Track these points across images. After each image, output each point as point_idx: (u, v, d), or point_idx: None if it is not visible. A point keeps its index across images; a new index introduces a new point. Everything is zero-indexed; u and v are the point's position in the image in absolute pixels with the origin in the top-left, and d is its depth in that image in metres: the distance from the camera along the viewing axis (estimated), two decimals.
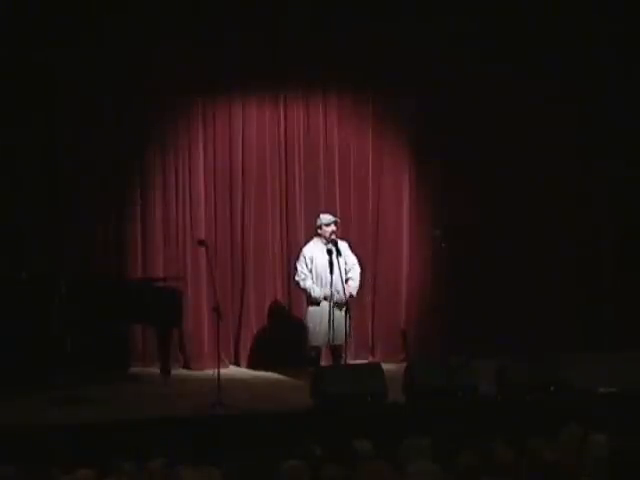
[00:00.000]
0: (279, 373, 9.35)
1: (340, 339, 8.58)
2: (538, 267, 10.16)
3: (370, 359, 9.83)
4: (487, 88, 10.06)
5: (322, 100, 10.02)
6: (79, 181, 9.45)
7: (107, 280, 9.17)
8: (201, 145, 9.78)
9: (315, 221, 9.00)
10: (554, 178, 10.27)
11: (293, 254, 9.74)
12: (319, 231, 8.90)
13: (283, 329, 9.83)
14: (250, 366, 9.74)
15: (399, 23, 9.93)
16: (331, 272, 8.53)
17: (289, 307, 9.90)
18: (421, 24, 9.97)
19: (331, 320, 8.54)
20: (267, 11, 9.69)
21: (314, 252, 8.85)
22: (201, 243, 8.66)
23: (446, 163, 10.11)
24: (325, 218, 8.91)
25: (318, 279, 8.80)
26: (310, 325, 8.78)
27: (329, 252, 8.59)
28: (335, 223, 8.89)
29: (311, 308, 8.82)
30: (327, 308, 8.62)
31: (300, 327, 9.30)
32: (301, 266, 8.88)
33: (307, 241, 9.15)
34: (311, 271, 8.83)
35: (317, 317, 8.73)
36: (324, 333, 8.65)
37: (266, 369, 9.54)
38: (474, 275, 9.97)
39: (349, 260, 8.92)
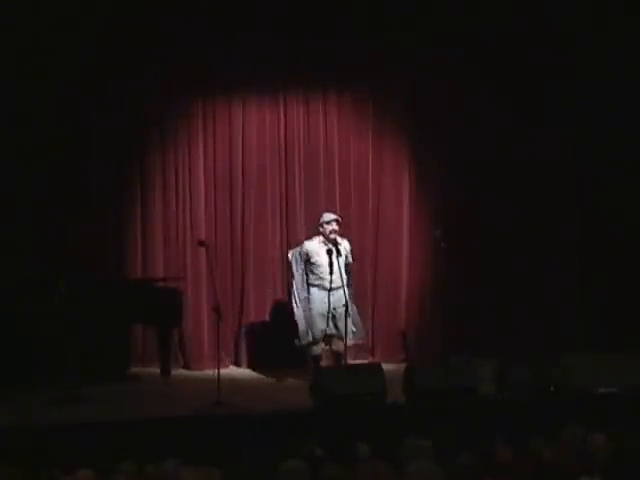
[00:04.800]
0: (279, 373, 9.36)
1: (340, 333, 8.62)
2: (538, 267, 10.16)
3: (370, 359, 9.83)
4: (487, 87, 10.06)
5: (322, 100, 10.02)
6: (79, 181, 9.45)
7: (107, 280, 9.17)
8: (201, 145, 9.79)
9: (318, 219, 9.00)
10: (555, 178, 10.27)
11: None
12: (320, 229, 8.90)
13: (283, 329, 9.81)
14: (250, 366, 9.75)
15: (399, 23, 9.93)
16: (331, 272, 8.55)
17: (289, 307, 9.88)
18: (421, 24, 9.97)
19: (329, 312, 8.66)
20: (267, 11, 9.69)
21: (314, 248, 8.85)
22: (201, 243, 8.66)
23: (446, 163, 10.11)
24: (326, 216, 8.92)
25: (317, 274, 8.81)
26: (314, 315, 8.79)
27: (329, 253, 8.60)
28: (336, 222, 8.88)
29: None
30: (325, 304, 8.66)
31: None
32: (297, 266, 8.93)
33: (308, 238, 9.16)
34: (306, 263, 8.84)
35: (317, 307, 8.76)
36: (322, 325, 8.70)
37: (266, 369, 9.55)
38: (474, 275, 9.96)
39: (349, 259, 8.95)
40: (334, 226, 8.84)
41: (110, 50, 9.40)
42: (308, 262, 8.85)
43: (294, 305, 8.93)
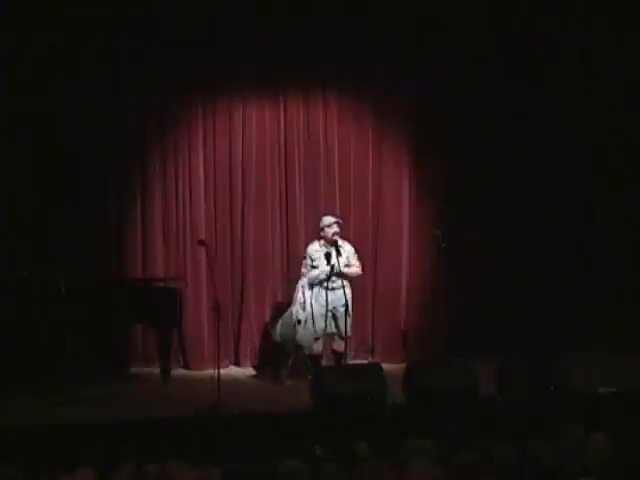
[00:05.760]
0: (279, 373, 9.35)
1: (340, 332, 8.62)
2: (538, 267, 10.15)
3: (370, 359, 9.83)
4: (487, 88, 10.05)
5: (322, 100, 10.02)
6: (79, 181, 9.46)
7: (107, 280, 9.17)
8: (201, 145, 9.79)
9: (318, 223, 8.96)
10: (554, 177, 10.27)
11: (293, 254, 9.75)
12: (322, 233, 8.88)
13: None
14: (250, 366, 9.75)
15: (399, 23, 9.94)
16: (329, 278, 8.56)
17: (289, 307, 9.89)
18: (421, 24, 9.98)
19: (329, 311, 8.64)
20: (267, 11, 9.70)
21: (316, 251, 8.83)
22: (201, 243, 8.66)
23: (446, 163, 10.11)
24: (326, 220, 8.89)
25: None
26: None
27: (327, 257, 8.59)
28: (337, 224, 8.86)
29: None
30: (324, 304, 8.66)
31: None
32: (304, 267, 8.90)
33: (309, 240, 9.15)
34: (313, 267, 8.85)
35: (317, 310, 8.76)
36: (322, 324, 8.68)
37: (266, 369, 9.55)
38: (474, 275, 9.96)
39: (352, 261, 8.92)
40: (335, 228, 8.82)
41: (110, 49, 9.41)
42: (311, 265, 8.85)
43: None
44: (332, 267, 8.54)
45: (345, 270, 8.74)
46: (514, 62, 10.09)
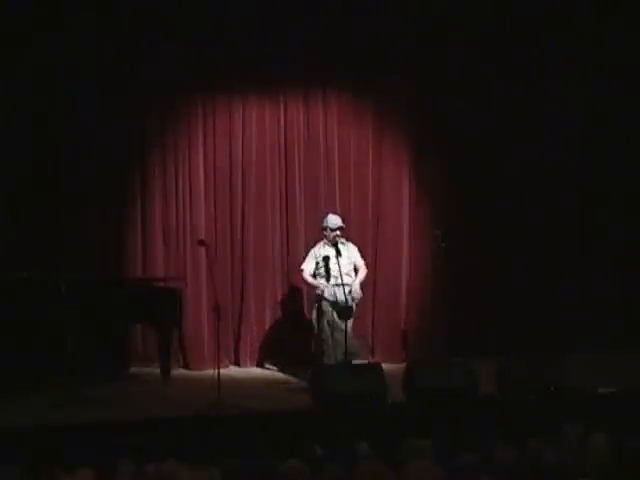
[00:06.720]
0: (279, 373, 9.35)
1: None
2: (538, 267, 10.15)
3: (370, 359, 9.83)
4: (487, 88, 10.06)
5: (322, 100, 10.02)
6: (79, 181, 9.45)
7: (107, 280, 9.17)
8: (201, 145, 9.79)
9: (322, 220, 8.90)
10: (554, 177, 10.27)
11: (293, 254, 9.75)
12: (324, 232, 8.84)
13: (283, 329, 9.83)
14: (250, 366, 9.75)
15: (399, 23, 9.94)
16: (327, 279, 8.57)
17: (289, 307, 9.90)
18: (421, 24, 9.98)
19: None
20: (267, 11, 9.70)
21: (319, 253, 8.81)
22: (201, 243, 8.66)
23: (446, 163, 10.11)
24: (331, 222, 8.78)
25: (320, 275, 8.80)
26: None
27: (325, 260, 8.57)
28: (340, 229, 8.81)
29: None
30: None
31: (300, 326, 9.34)
32: (306, 265, 8.86)
33: (309, 240, 9.17)
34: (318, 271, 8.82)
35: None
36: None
37: (266, 369, 9.55)
38: (474, 275, 9.96)
39: (358, 262, 8.89)
40: (338, 232, 8.77)
41: (110, 49, 9.41)
42: (317, 265, 8.84)
43: None
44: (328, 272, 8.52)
45: (354, 283, 8.71)
46: (514, 62, 10.09)
